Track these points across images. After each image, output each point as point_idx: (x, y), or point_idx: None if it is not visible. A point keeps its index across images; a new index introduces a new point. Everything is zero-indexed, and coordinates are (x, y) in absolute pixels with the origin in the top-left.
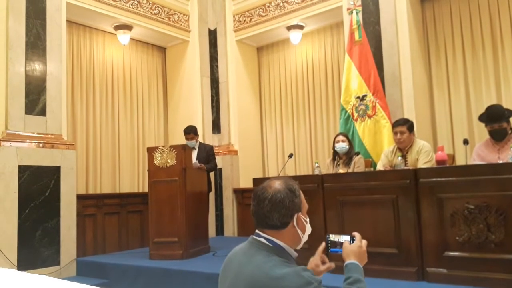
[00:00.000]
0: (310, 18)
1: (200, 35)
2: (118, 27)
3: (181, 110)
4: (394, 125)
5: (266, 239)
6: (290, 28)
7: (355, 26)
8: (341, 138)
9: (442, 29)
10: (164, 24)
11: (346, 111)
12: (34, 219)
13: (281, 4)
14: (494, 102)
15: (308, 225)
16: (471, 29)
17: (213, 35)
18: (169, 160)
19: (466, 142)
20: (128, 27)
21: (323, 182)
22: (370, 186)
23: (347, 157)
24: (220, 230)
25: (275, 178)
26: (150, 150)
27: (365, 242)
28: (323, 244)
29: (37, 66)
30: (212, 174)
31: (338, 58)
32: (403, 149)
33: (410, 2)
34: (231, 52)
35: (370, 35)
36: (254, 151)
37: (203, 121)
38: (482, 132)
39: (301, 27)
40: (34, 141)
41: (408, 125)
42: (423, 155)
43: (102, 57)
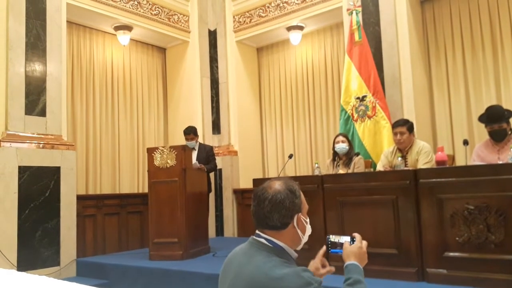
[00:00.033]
0: (310, 19)
1: (200, 36)
2: (118, 28)
3: (181, 110)
4: (394, 125)
5: (266, 240)
6: (290, 28)
7: (355, 27)
8: (341, 138)
9: (442, 30)
10: (164, 24)
11: (346, 112)
12: (34, 220)
13: (281, 4)
14: (494, 103)
15: (308, 225)
16: (471, 30)
17: (213, 36)
18: (169, 160)
19: (466, 142)
20: (128, 28)
21: (323, 183)
22: (370, 187)
23: (347, 157)
24: (220, 230)
25: (276, 178)
26: (150, 151)
27: (365, 243)
28: (324, 247)
29: (37, 67)
30: (212, 175)
31: (338, 58)
32: (403, 149)
33: (410, 3)
34: (231, 52)
35: (370, 36)
36: (254, 152)
37: (203, 121)
38: (482, 132)
39: (301, 28)
40: (34, 141)
41: (408, 125)
42: (423, 156)
43: (102, 57)
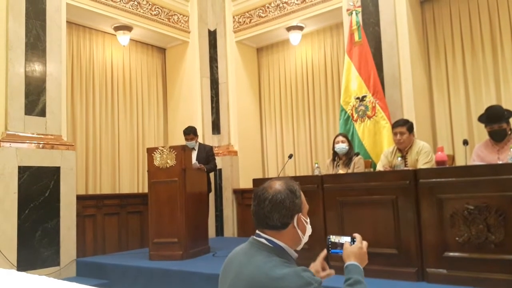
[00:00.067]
0: (309, 19)
1: (200, 36)
2: (118, 28)
3: (181, 110)
4: (394, 125)
5: (267, 240)
6: (289, 29)
7: (355, 27)
8: (340, 138)
9: (441, 30)
10: (164, 25)
11: (346, 112)
12: (34, 220)
13: (280, 5)
14: (493, 103)
15: (308, 226)
16: (471, 30)
17: (213, 36)
18: (169, 160)
19: (465, 142)
20: (128, 28)
21: (323, 183)
22: (370, 187)
23: (347, 157)
24: (220, 230)
25: (276, 178)
26: (150, 151)
27: (365, 244)
28: (325, 251)
29: (37, 67)
30: (212, 175)
31: (337, 59)
32: (403, 149)
33: (409, 3)
34: (231, 53)
35: (369, 36)
36: (254, 152)
37: (203, 121)
38: (481, 132)
39: (300, 28)
40: (34, 141)
41: (407, 125)
42: (423, 156)
43: (102, 58)
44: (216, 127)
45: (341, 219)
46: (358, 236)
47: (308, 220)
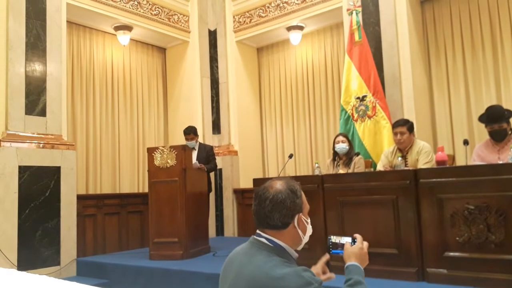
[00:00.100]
0: (310, 19)
1: (200, 36)
2: (118, 28)
3: (181, 110)
4: (394, 125)
5: (267, 239)
6: (290, 28)
7: (355, 27)
8: (341, 138)
9: (442, 30)
10: (164, 24)
11: (346, 112)
12: (34, 220)
13: (281, 4)
14: (494, 103)
15: (309, 226)
16: (471, 30)
17: (213, 36)
18: (169, 160)
19: (466, 142)
20: (128, 28)
21: (323, 183)
22: (370, 187)
23: (347, 157)
24: (220, 230)
25: (277, 178)
26: (150, 151)
27: (366, 244)
28: (327, 255)
29: (37, 67)
30: (212, 175)
31: (338, 58)
32: (403, 149)
33: (410, 3)
34: (231, 52)
35: (370, 36)
36: (254, 152)
37: (203, 121)
38: (482, 132)
39: (301, 28)
40: (34, 141)
41: (408, 125)
42: (423, 156)
43: (102, 57)
44: (216, 127)
45: (341, 219)
46: (358, 236)
47: (309, 220)
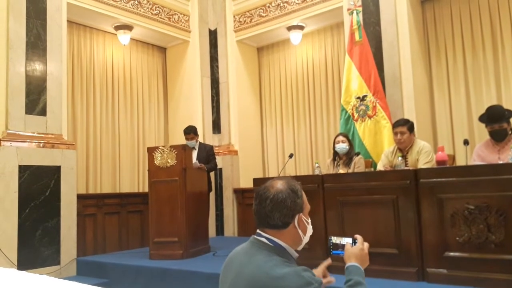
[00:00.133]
0: (310, 19)
1: (200, 36)
2: (118, 27)
3: (181, 110)
4: (395, 125)
5: (267, 239)
6: (290, 28)
7: (356, 27)
8: (341, 138)
9: (442, 29)
10: (164, 24)
11: (347, 112)
12: (34, 219)
13: (281, 4)
14: (494, 103)
15: (309, 226)
16: (471, 30)
17: (213, 36)
18: (169, 160)
19: (466, 142)
20: (128, 27)
21: (323, 182)
22: (370, 187)
23: (347, 157)
24: (220, 230)
25: (278, 178)
26: (151, 150)
27: (367, 245)
28: (329, 260)
29: (37, 66)
30: (212, 174)
31: (338, 58)
32: (404, 149)
33: (410, 3)
34: (232, 52)
35: (370, 36)
36: (254, 151)
37: (203, 121)
38: (482, 132)
39: (301, 28)
40: (35, 141)
41: (408, 125)
42: (423, 156)
43: (102, 57)
44: (216, 127)
45: (341, 219)
46: (359, 237)
47: (309, 220)
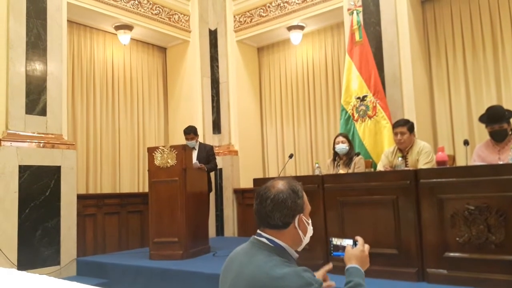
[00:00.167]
0: (310, 19)
1: (200, 35)
2: (118, 27)
3: (181, 110)
4: (395, 125)
5: (267, 239)
6: (290, 28)
7: (356, 27)
8: (341, 139)
9: (442, 30)
10: (164, 24)
11: (347, 112)
12: (34, 219)
13: (281, 4)
14: (494, 103)
15: (310, 227)
16: (472, 30)
17: (213, 35)
18: (169, 160)
19: (466, 143)
20: (128, 27)
21: (324, 183)
22: (370, 187)
23: (348, 157)
24: (220, 230)
25: (279, 178)
26: (151, 150)
27: (367, 247)
28: (330, 265)
29: (37, 66)
30: (212, 174)
31: (338, 58)
32: (404, 149)
33: (410, 3)
34: (232, 52)
35: (370, 36)
36: (254, 151)
37: (204, 121)
38: (482, 133)
39: (301, 28)
40: (35, 141)
41: (408, 125)
42: (424, 156)
43: (102, 57)
44: (216, 127)
45: (341, 219)
46: (360, 239)
47: (309, 221)
